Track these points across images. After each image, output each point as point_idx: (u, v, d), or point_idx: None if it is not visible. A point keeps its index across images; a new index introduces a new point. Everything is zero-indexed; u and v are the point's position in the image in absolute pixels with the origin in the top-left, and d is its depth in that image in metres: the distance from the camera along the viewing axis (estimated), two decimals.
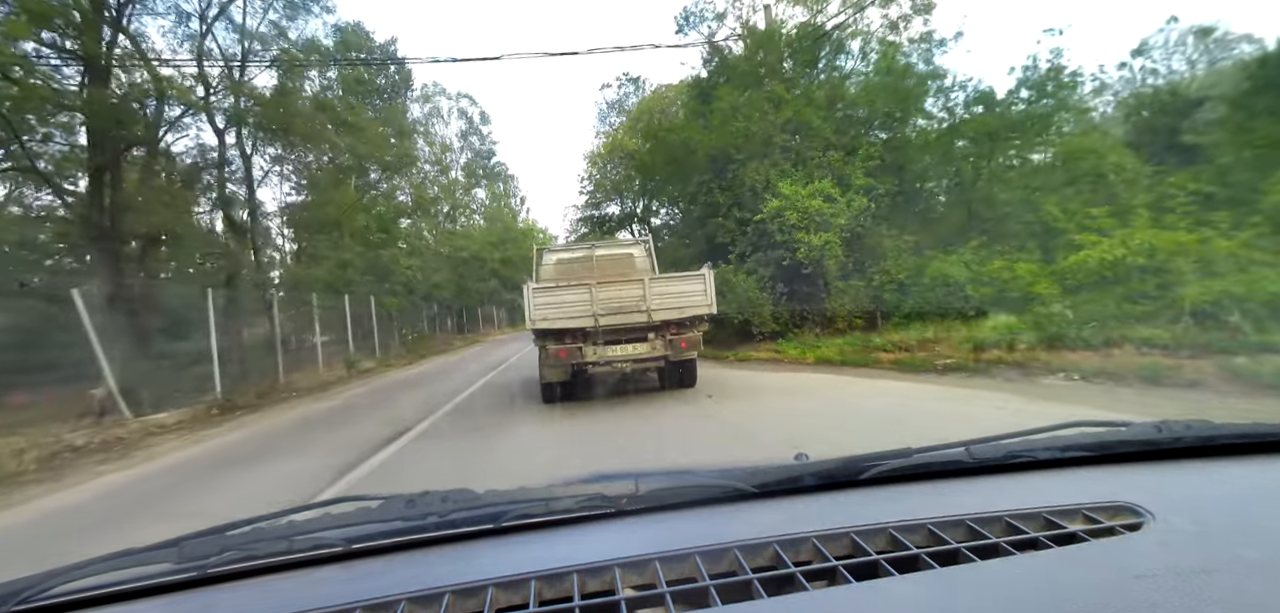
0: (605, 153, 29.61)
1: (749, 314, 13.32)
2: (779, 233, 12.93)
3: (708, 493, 1.05)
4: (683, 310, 7.40)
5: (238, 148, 14.92)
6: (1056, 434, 1.18)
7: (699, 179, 14.76)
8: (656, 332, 7.41)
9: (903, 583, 0.75)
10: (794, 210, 12.69)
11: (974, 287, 11.40)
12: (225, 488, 5.75)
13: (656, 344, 7.42)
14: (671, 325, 7.42)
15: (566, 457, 5.58)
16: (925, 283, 12.10)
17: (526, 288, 7.49)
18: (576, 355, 7.35)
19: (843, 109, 14.62)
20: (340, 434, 8.00)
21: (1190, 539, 0.79)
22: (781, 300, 13.51)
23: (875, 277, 13.37)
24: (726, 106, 14.23)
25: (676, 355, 7.51)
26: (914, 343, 10.46)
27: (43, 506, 5.77)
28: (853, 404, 7.04)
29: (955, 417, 5.84)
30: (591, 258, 8.89)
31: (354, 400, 11.97)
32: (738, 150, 14.16)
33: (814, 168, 13.59)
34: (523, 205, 52.77)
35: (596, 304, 7.21)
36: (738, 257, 13.85)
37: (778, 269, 13.46)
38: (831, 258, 12.79)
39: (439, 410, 9.21)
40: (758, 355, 12.71)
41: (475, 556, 0.95)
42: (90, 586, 0.90)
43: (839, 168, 13.71)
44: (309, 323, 16.96)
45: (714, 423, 6.46)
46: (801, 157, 13.92)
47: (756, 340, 13.57)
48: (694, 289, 7.49)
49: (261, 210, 18.47)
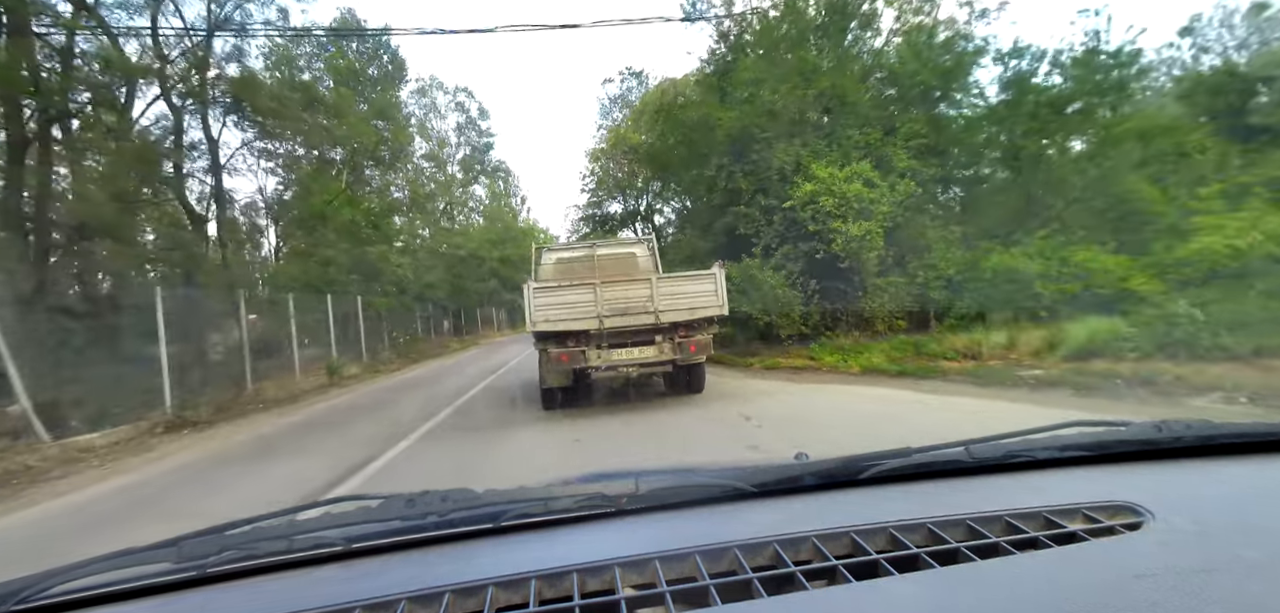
0: (608, 148, 28.27)
1: (775, 315, 11.66)
2: (812, 221, 11.28)
3: (707, 493, 1.05)
4: (693, 311, 7.00)
5: (203, 129, 13.38)
6: (1056, 434, 1.18)
7: (718, 162, 13.04)
8: (664, 334, 7.01)
9: (903, 583, 0.74)
10: (830, 195, 11.04)
11: (1044, 283, 9.74)
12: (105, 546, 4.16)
13: (664, 347, 7.02)
14: (680, 327, 7.02)
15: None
16: (985, 278, 10.44)
17: (527, 287, 7.03)
18: (579, 359, 6.91)
19: (881, 83, 12.92)
20: (291, 465, 6.42)
21: (1190, 539, 0.79)
22: (813, 299, 11.85)
23: (918, 272, 11.71)
24: (751, 77, 12.50)
25: (685, 359, 7.09)
26: (981, 349, 8.81)
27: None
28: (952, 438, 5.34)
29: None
30: (593, 257, 8.54)
31: (319, 417, 10.34)
32: (763, 129, 12.49)
33: (850, 148, 11.93)
34: (524, 205, 51.44)
35: (601, 305, 6.81)
36: (763, 250, 12.17)
37: (809, 263, 11.80)
38: (871, 250, 11.13)
39: (422, 427, 7.74)
40: (788, 363, 11.04)
41: (475, 555, 0.94)
42: (89, 585, 0.90)
43: (878, 148, 12.05)
44: (286, 326, 15.35)
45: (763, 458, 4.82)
46: (835, 136, 12.25)
47: (783, 345, 11.92)
48: (704, 289, 7.08)
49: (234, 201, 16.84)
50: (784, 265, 11.88)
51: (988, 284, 10.30)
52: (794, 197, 11.41)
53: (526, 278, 7.68)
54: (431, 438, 7.13)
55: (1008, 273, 9.99)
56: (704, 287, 7.12)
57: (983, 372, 7.74)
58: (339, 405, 11.72)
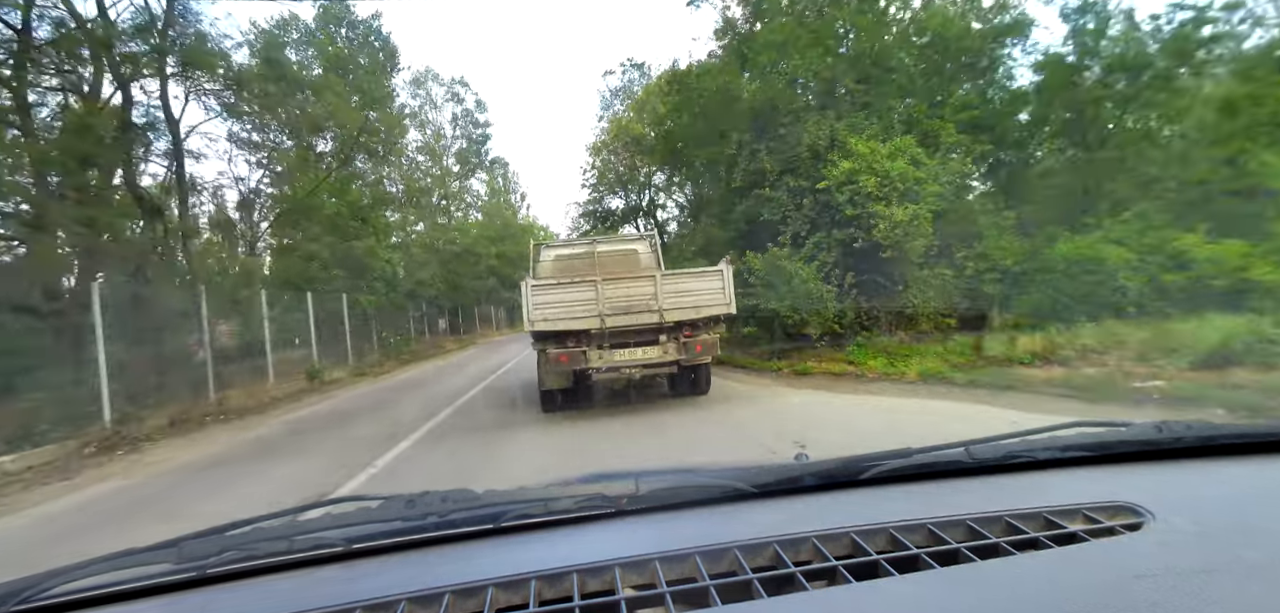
0: (609, 140, 27.05)
1: (806, 312, 10.19)
2: (850, 205, 9.81)
3: (708, 493, 1.05)
4: (698, 310, 6.69)
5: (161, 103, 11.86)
6: (1056, 434, 1.18)
7: (739, 139, 11.54)
8: (669, 334, 6.72)
9: (903, 583, 0.74)
10: (870, 174, 9.58)
11: (1130, 274, 8.29)
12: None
13: (669, 347, 6.73)
14: (686, 326, 6.72)
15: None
16: (1055, 270, 8.97)
17: (525, 284, 6.70)
18: (579, 360, 6.59)
19: (925, 48, 11.38)
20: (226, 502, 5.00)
21: (1190, 539, 0.79)
22: (848, 294, 10.39)
23: (968, 263, 10.27)
24: (776, 40, 10.96)
25: (690, 360, 6.78)
26: (1063, 352, 7.36)
27: None
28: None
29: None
30: (593, 254, 8.33)
31: (283, 433, 8.91)
32: (789, 103, 11.01)
33: (892, 120, 10.46)
34: (523, 201, 50.13)
35: (602, 303, 6.52)
36: (791, 238, 10.71)
37: (844, 253, 10.34)
38: (918, 238, 9.66)
39: (404, 441, 6.57)
40: (821, 367, 9.57)
41: (475, 556, 0.94)
42: (90, 586, 0.90)
43: (923, 122, 10.58)
44: (259, 327, 13.91)
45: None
46: (875, 108, 10.78)
47: (814, 346, 10.46)
48: (711, 286, 6.78)
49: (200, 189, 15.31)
50: (815, 256, 10.42)
51: (1059, 276, 8.84)
52: (829, 177, 9.95)
53: (524, 274, 7.29)
54: (407, 460, 5.76)
55: (1086, 263, 8.52)
56: (711, 283, 6.78)
57: (1080, 383, 6.28)
58: (311, 416, 10.30)
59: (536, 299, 6.52)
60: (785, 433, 5.46)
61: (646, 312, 6.58)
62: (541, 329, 6.60)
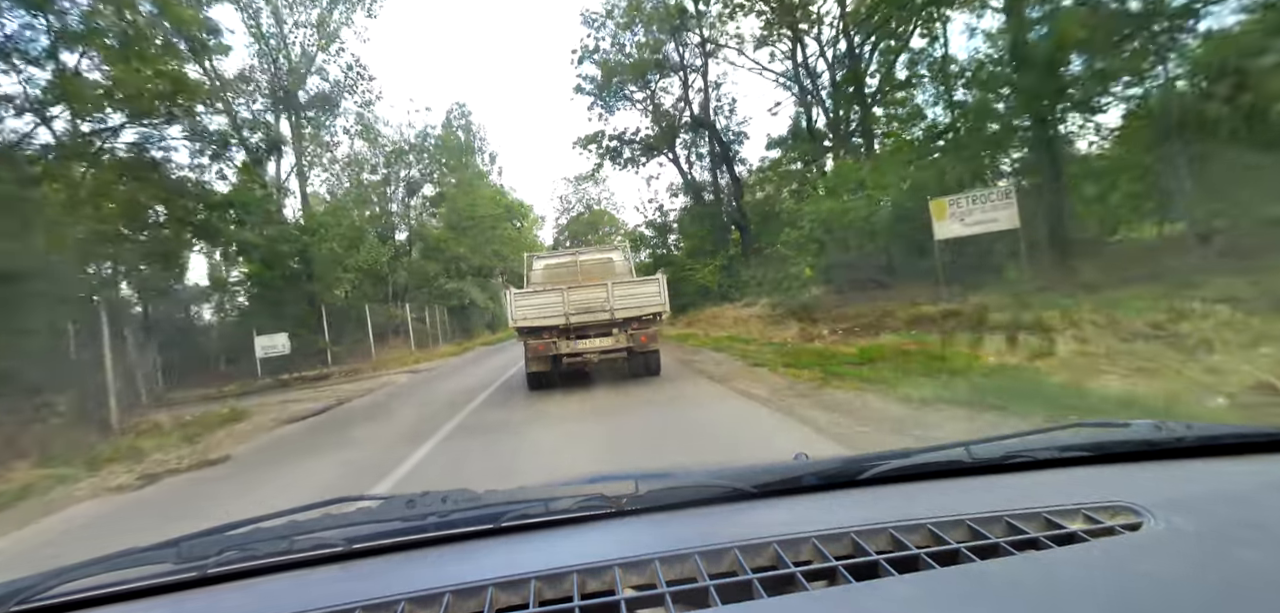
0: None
1: None
2: None
3: (707, 493, 1.06)
4: (642, 308, 8.61)
5: None
6: (1056, 434, 1.21)
7: None
8: (619, 327, 8.63)
9: (903, 583, 0.75)
10: None
11: None
12: None
13: (620, 338, 8.66)
14: (633, 322, 8.61)
15: None
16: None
17: (508, 293, 8.96)
18: (552, 348, 8.58)
19: None
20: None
21: (1190, 539, 0.79)
22: None
23: None
24: None
25: (639, 348, 8.72)
26: None
27: None
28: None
29: None
30: (576, 263, 10.51)
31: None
32: None
33: None
34: (494, 164, 42.43)
35: (568, 305, 8.48)
36: None
37: None
38: None
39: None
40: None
41: (475, 556, 0.95)
42: (90, 586, 0.90)
43: None
44: None
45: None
46: None
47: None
48: (650, 290, 8.77)
49: None
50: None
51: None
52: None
53: (505, 281, 9.35)
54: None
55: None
56: (650, 289, 8.81)
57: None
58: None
59: (518, 304, 8.59)
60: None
61: (602, 311, 8.47)
62: (522, 326, 8.60)
